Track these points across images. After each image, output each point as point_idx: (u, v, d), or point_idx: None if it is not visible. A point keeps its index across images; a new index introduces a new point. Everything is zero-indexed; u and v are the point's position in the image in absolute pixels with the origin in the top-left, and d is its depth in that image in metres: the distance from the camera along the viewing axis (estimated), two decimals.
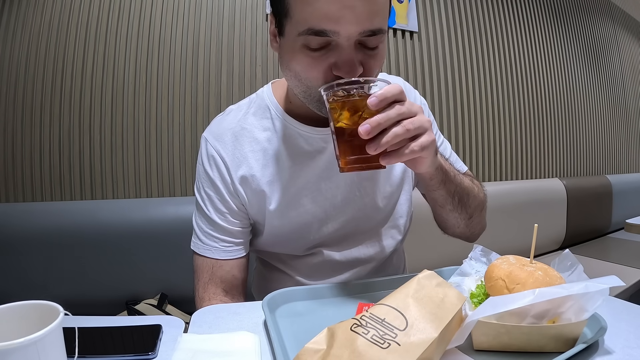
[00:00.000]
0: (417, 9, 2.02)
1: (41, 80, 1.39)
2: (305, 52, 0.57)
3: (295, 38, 0.57)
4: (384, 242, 0.79)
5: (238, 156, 0.71)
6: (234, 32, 1.62)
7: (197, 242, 0.74)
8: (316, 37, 0.55)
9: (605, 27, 3.00)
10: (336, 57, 0.56)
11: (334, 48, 0.56)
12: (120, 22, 1.47)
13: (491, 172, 2.27)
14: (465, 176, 0.80)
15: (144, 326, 0.53)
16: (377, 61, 0.59)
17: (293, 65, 0.60)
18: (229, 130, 0.73)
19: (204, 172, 0.73)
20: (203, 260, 0.73)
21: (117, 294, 1.30)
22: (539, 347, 0.43)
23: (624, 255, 2.15)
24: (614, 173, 2.98)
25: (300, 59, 0.58)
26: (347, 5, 0.52)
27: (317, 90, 0.59)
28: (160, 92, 1.52)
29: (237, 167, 0.71)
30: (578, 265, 0.49)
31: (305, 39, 0.56)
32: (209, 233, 0.72)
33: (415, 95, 0.83)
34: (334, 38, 0.54)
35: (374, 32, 0.55)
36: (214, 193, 0.72)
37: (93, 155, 1.44)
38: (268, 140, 0.72)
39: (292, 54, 0.59)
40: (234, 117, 0.74)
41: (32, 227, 1.25)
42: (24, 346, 0.32)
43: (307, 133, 0.71)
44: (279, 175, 0.71)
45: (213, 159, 0.72)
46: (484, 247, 0.58)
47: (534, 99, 2.45)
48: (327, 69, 0.57)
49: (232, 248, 0.73)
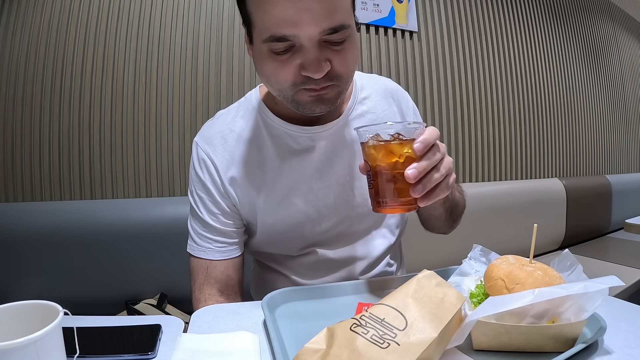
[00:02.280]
0: (417, 9, 2.02)
1: (41, 80, 1.39)
2: (272, 57, 0.58)
3: (261, 45, 0.58)
4: (376, 241, 0.80)
5: (227, 158, 0.72)
6: (233, 32, 1.62)
7: (192, 245, 0.75)
8: (278, 43, 0.56)
9: (604, 27, 3.00)
10: (302, 58, 0.57)
11: (299, 50, 0.57)
12: (120, 22, 1.47)
13: (491, 172, 2.27)
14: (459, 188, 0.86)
15: (143, 326, 0.54)
16: (346, 56, 0.60)
17: (263, 71, 0.62)
18: (218, 133, 0.74)
19: (195, 175, 0.74)
20: (198, 261, 0.74)
21: (117, 294, 1.30)
22: (539, 347, 0.43)
23: (623, 255, 2.15)
24: (614, 173, 2.98)
25: (268, 64, 0.60)
26: (303, 8, 0.53)
27: (288, 92, 0.61)
28: (160, 92, 1.52)
29: (226, 168, 0.72)
30: (578, 265, 0.49)
31: (269, 46, 0.57)
32: (203, 234, 0.73)
33: (407, 99, 0.84)
34: (295, 41, 0.56)
35: (335, 29, 0.56)
36: (206, 195, 0.73)
37: (93, 155, 1.44)
38: (256, 141, 0.73)
39: (261, 61, 0.61)
40: (222, 121, 0.76)
41: (31, 226, 1.25)
42: (24, 346, 0.32)
43: (295, 132, 0.72)
44: (268, 174, 0.72)
45: (203, 162, 0.73)
46: (484, 247, 0.59)
47: (534, 99, 2.45)
48: (294, 71, 0.58)
49: (225, 248, 0.74)
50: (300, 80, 0.59)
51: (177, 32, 1.54)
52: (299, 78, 0.59)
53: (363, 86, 0.80)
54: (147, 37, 1.50)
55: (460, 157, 2.16)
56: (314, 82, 0.59)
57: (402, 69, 1.98)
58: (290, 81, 0.59)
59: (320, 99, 0.62)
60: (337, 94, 0.63)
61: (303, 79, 0.59)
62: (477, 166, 2.22)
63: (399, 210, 0.57)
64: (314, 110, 0.64)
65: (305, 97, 0.62)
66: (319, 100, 0.62)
